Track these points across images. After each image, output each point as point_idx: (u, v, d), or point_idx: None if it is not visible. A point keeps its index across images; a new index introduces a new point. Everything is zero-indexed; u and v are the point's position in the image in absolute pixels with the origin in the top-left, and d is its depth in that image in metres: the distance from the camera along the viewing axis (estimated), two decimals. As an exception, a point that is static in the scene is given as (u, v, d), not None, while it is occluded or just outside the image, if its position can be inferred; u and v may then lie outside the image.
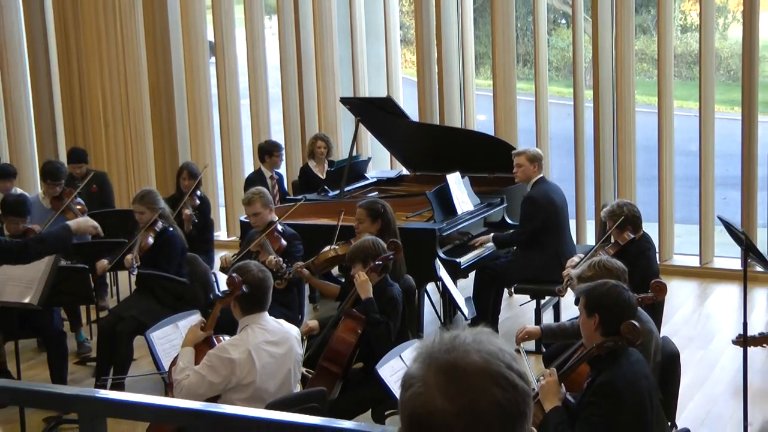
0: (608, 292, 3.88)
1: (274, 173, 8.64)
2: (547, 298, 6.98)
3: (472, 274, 7.09)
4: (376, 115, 8.13)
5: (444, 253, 6.75)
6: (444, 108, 9.55)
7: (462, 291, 6.45)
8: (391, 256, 5.17)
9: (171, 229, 6.47)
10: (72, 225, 5.17)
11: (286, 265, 6.06)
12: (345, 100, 8.69)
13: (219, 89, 10.47)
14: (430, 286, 7.31)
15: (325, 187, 8.14)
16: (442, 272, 6.04)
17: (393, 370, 4.28)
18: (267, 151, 8.62)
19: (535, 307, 6.88)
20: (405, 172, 8.69)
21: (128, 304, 6.49)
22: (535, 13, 9.22)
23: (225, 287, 4.44)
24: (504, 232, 7.33)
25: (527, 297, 7.11)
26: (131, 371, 6.24)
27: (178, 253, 6.41)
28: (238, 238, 7.81)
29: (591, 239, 8.82)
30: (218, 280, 7.11)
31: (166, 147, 10.69)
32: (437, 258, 6.45)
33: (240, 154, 10.57)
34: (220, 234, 10.22)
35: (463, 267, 6.83)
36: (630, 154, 8.93)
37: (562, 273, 6.00)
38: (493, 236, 7.12)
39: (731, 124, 10.17)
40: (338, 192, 7.85)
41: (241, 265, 4.48)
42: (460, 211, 7.11)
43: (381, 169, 9.69)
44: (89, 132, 10.99)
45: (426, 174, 8.27)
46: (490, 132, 9.01)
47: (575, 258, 6.14)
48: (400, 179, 8.57)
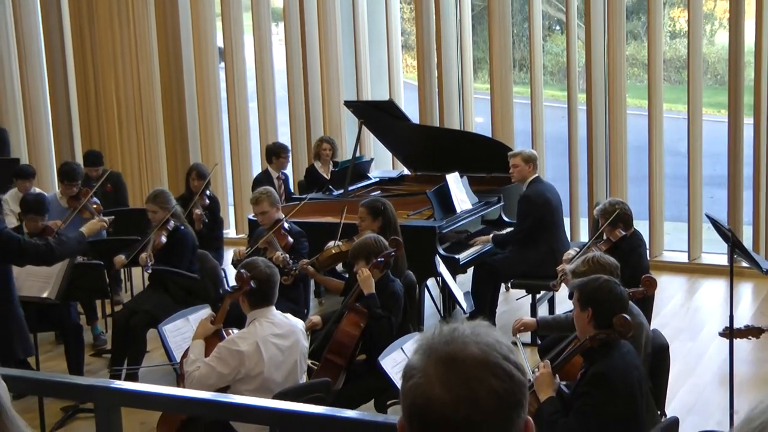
0: (601, 286, 3.88)
1: (280, 173, 8.63)
2: (542, 292, 6.97)
3: (471, 270, 7.09)
4: (378, 117, 8.13)
5: (444, 249, 6.75)
6: (443, 111, 9.55)
7: (461, 286, 6.45)
8: (393, 253, 5.17)
9: (182, 228, 6.47)
10: (85, 231, 5.42)
11: (292, 262, 6.06)
12: (349, 103, 8.68)
13: (228, 92, 10.48)
14: (431, 282, 7.31)
15: (330, 186, 8.15)
16: (442, 268, 6.05)
17: (394, 361, 4.28)
18: (274, 152, 8.61)
19: (531, 301, 6.89)
20: (406, 172, 8.69)
21: (142, 298, 6.50)
22: (530, 20, 9.22)
23: (234, 283, 4.45)
24: (501, 229, 7.33)
25: (523, 291, 7.13)
26: (144, 363, 6.25)
27: (190, 251, 6.41)
28: (247, 236, 7.81)
29: (584, 236, 8.81)
30: (227, 276, 7.11)
31: (177, 148, 10.70)
32: (437, 254, 6.46)
33: (248, 155, 10.57)
34: (230, 231, 10.22)
35: (462, 263, 6.84)
36: (621, 154, 8.93)
37: (556, 268, 6.01)
38: (492, 237, 7.11)
39: (718, 125, 10.16)
40: (342, 191, 7.85)
41: (249, 262, 4.48)
42: (459, 210, 7.11)
43: (383, 169, 9.69)
44: (104, 134, 11.00)
45: (426, 174, 8.27)
46: (488, 134, 9.01)
47: (571, 251, 6.16)
48: (401, 179, 8.57)
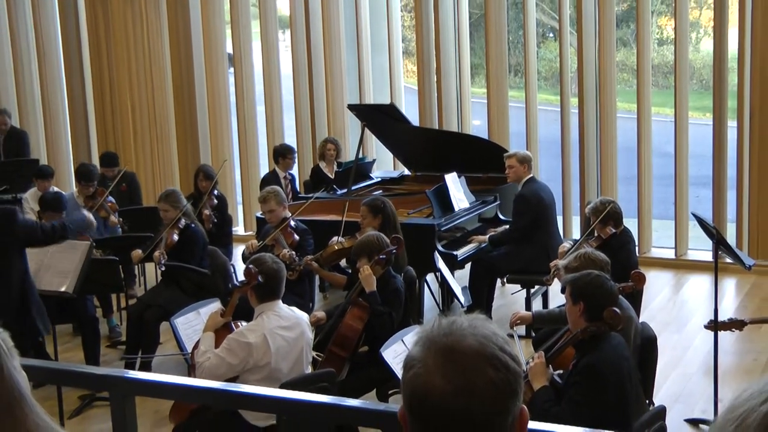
0: (592, 281, 3.88)
1: (287, 173, 8.62)
2: (536, 287, 6.97)
3: (468, 266, 7.09)
4: (380, 120, 8.12)
5: (442, 246, 6.75)
6: (442, 114, 9.54)
7: (459, 281, 6.44)
8: (394, 250, 5.17)
9: (193, 225, 6.48)
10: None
11: (298, 258, 6.06)
12: (352, 107, 8.68)
13: (237, 96, 10.47)
14: (430, 277, 7.30)
15: (334, 186, 8.14)
16: (441, 264, 6.05)
17: (395, 353, 4.28)
18: (281, 153, 8.61)
19: (526, 295, 6.88)
20: (407, 172, 8.67)
21: (155, 293, 6.50)
22: (525, 28, 9.20)
23: (243, 278, 4.45)
24: (497, 227, 7.33)
25: (518, 286, 7.12)
26: (157, 353, 6.25)
27: (200, 247, 6.42)
28: (255, 233, 7.81)
29: (576, 233, 8.79)
30: (236, 271, 7.11)
31: (188, 149, 10.69)
32: (436, 251, 6.45)
33: (256, 156, 10.56)
34: (238, 229, 10.22)
35: (459, 259, 6.83)
36: (612, 155, 8.92)
37: (549, 264, 6.01)
38: (489, 237, 7.09)
39: (703, 128, 10.15)
40: (346, 190, 7.84)
41: (257, 258, 4.47)
42: (457, 208, 7.10)
43: (385, 169, 9.68)
44: (119, 136, 11.00)
45: (426, 174, 8.25)
46: (485, 136, 9.00)
47: (566, 244, 6.17)
48: (402, 179, 8.55)
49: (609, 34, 8.74)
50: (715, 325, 5.21)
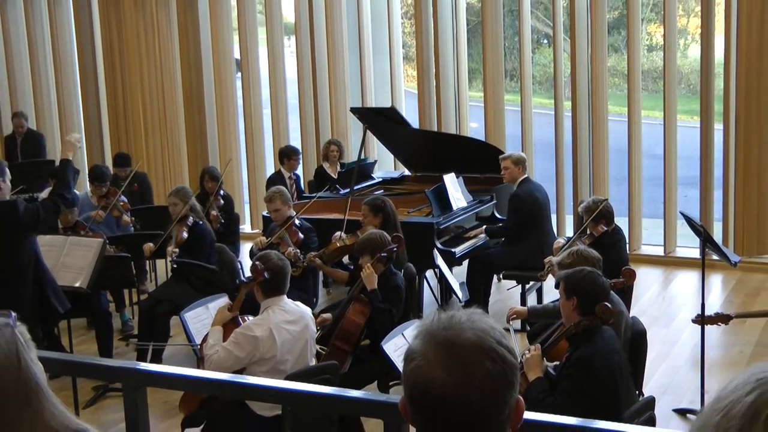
0: (585, 277, 3.87)
1: (292, 174, 8.62)
2: (531, 282, 6.96)
3: (466, 262, 7.09)
4: (381, 122, 8.11)
5: (441, 243, 6.74)
6: (441, 117, 9.53)
7: (457, 277, 6.44)
8: (395, 248, 5.16)
9: (201, 223, 6.50)
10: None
11: (302, 256, 6.06)
12: (354, 110, 8.67)
13: (244, 100, 10.47)
14: (429, 273, 7.30)
15: (337, 185, 8.14)
16: (440, 261, 6.04)
17: (396, 346, 4.27)
18: (287, 154, 8.60)
19: (521, 290, 6.88)
20: (407, 172, 8.67)
21: (165, 288, 6.50)
22: (520, 34, 9.20)
23: (249, 274, 4.44)
24: (493, 225, 7.33)
25: (514, 282, 7.12)
26: (167, 348, 6.26)
27: (208, 245, 6.43)
28: (261, 231, 7.80)
29: (569, 231, 8.79)
30: (243, 268, 7.11)
31: (197, 151, 10.69)
32: (435, 248, 6.45)
33: (262, 157, 10.56)
34: (245, 227, 10.21)
35: (457, 256, 6.83)
36: (603, 157, 8.91)
37: (543, 261, 6.01)
38: (485, 228, 7.12)
39: (691, 131, 10.14)
40: (348, 190, 7.84)
41: (263, 255, 4.47)
42: (455, 207, 7.10)
43: (386, 170, 9.67)
44: (131, 138, 11.00)
45: (425, 174, 8.25)
46: (482, 138, 8.99)
47: (561, 240, 6.17)
48: (402, 179, 8.54)
49: (601, 41, 8.73)
50: (702, 319, 5.21)
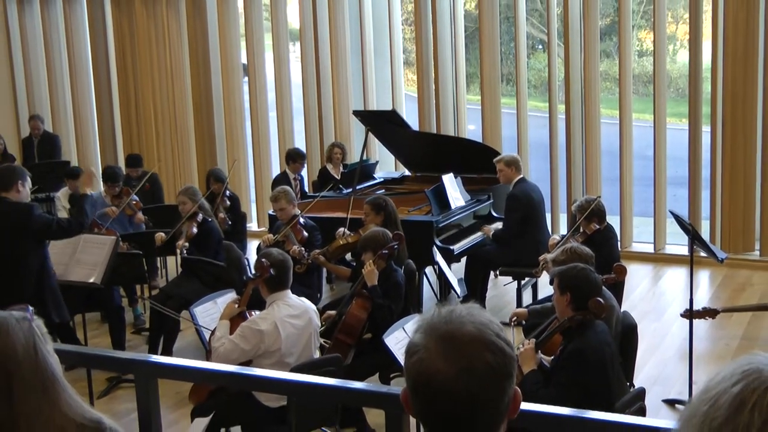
0: (578, 273, 3.87)
1: (297, 175, 8.62)
2: (527, 279, 6.96)
3: (464, 259, 7.08)
4: (383, 125, 8.11)
5: (440, 241, 6.74)
6: (440, 119, 9.53)
7: (455, 273, 6.44)
8: (396, 246, 5.17)
9: (210, 220, 6.52)
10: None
11: (306, 254, 6.07)
12: (357, 113, 8.66)
13: (250, 104, 10.47)
14: (428, 269, 7.30)
15: (340, 185, 8.14)
16: (439, 257, 6.04)
17: (397, 339, 4.27)
18: (293, 157, 8.59)
19: (517, 286, 6.87)
20: (407, 173, 8.67)
21: (175, 284, 6.50)
22: (516, 40, 9.20)
23: (255, 271, 4.45)
24: (491, 224, 7.33)
25: (510, 278, 7.11)
26: (178, 341, 6.27)
27: (216, 242, 6.45)
28: (267, 229, 7.80)
29: (563, 229, 8.79)
30: (250, 264, 7.11)
31: (206, 152, 10.70)
32: (434, 245, 6.45)
33: (268, 158, 10.57)
34: (252, 225, 10.21)
35: (456, 253, 6.82)
36: (596, 158, 8.91)
37: (538, 258, 6.00)
38: (493, 236, 7.06)
39: (680, 133, 10.12)
40: (351, 190, 7.83)
41: (266, 252, 4.48)
42: (453, 206, 7.10)
43: (387, 170, 9.67)
44: (143, 139, 11.00)
45: (425, 175, 8.25)
46: (479, 139, 8.99)
47: (556, 236, 6.17)
48: (403, 179, 8.54)
49: (593, 47, 8.73)
50: (690, 314, 5.21)
